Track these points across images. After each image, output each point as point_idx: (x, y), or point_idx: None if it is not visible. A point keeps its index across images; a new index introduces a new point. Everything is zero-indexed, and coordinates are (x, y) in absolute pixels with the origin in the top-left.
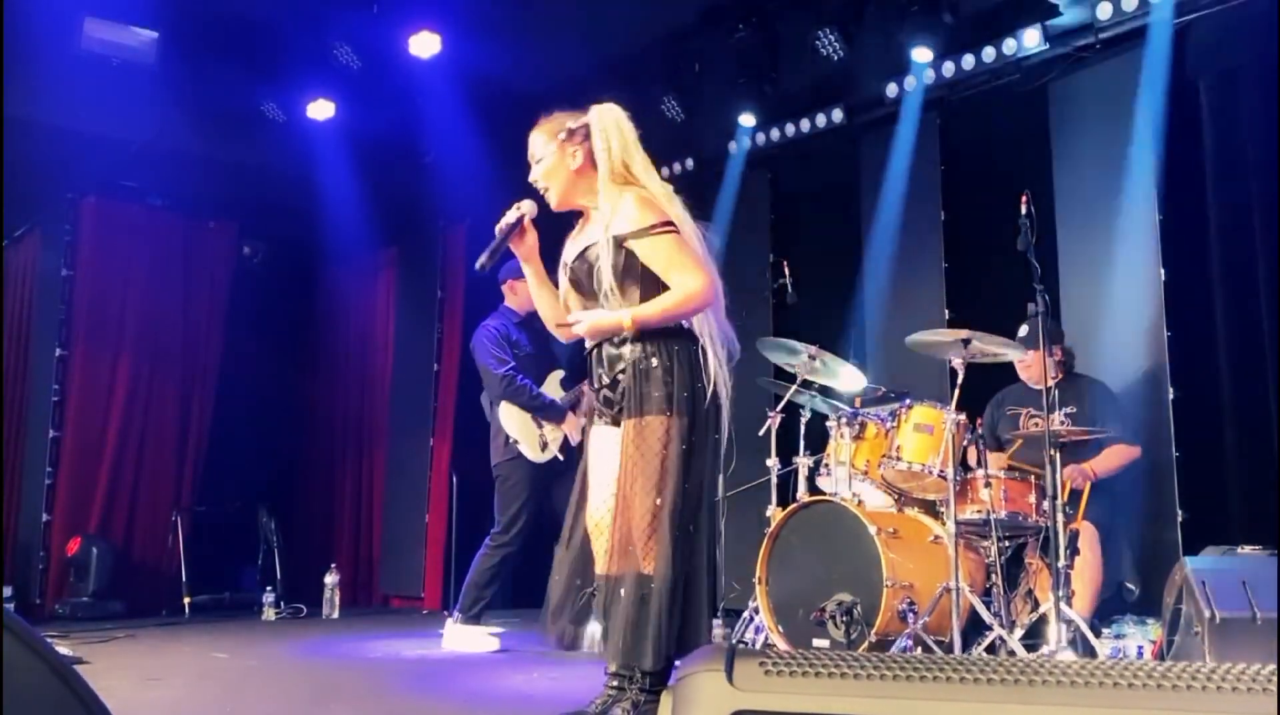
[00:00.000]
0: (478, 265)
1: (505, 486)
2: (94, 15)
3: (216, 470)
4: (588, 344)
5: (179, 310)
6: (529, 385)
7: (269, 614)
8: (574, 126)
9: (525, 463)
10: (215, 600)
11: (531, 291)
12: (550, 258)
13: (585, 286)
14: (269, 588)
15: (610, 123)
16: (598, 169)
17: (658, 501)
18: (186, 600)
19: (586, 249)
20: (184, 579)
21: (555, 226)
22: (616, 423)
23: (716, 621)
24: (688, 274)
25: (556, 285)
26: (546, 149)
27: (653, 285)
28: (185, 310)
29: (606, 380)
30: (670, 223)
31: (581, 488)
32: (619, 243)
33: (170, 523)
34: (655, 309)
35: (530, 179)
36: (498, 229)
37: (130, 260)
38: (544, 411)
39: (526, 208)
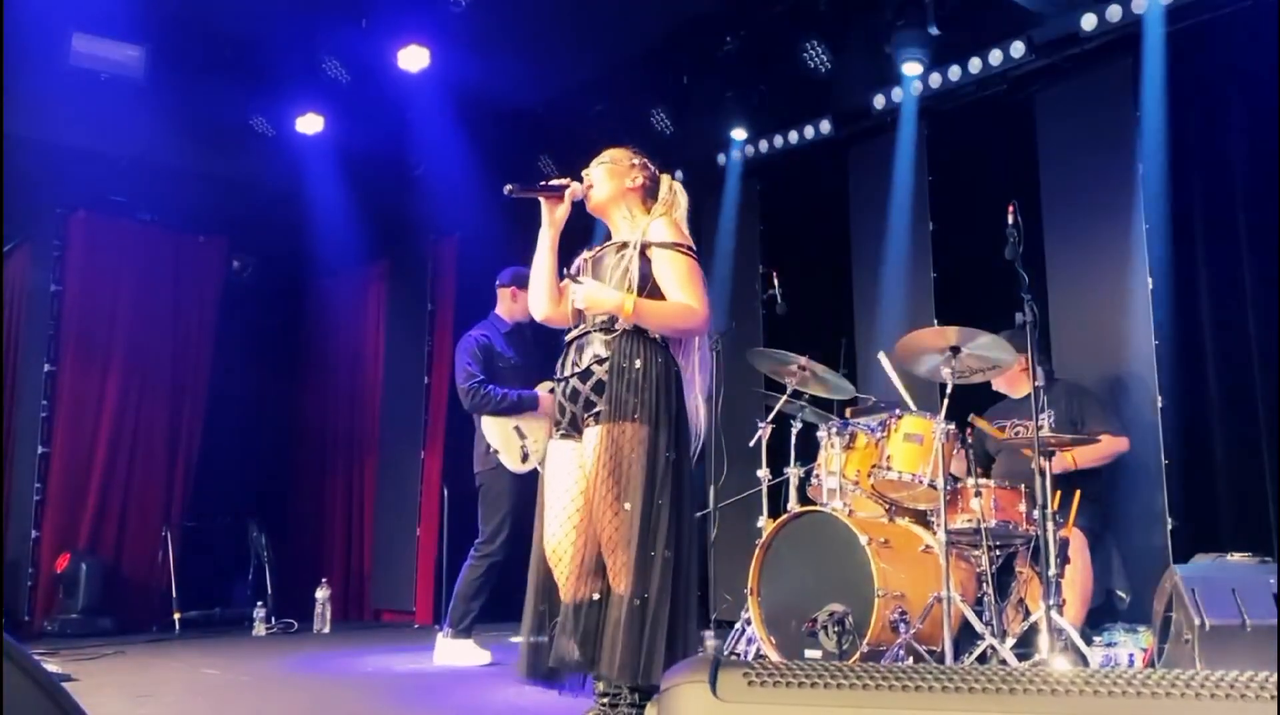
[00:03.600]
0: (506, 189)
1: (488, 496)
2: (82, 30)
3: (206, 485)
4: (571, 333)
5: (168, 325)
6: (493, 391)
7: (260, 629)
8: (650, 165)
9: (507, 472)
10: (206, 616)
11: (538, 256)
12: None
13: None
14: (260, 603)
15: (680, 189)
16: (646, 203)
17: (626, 507)
18: (177, 616)
19: (608, 246)
20: (174, 595)
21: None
22: (574, 430)
23: (709, 634)
24: (694, 297)
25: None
26: (618, 160)
27: (656, 298)
28: (175, 325)
29: (579, 367)
30: (693, 249)
31: (543, 508)
32: (643, 249)
33: (160, 538)
34: (655, 308)
35: (585, 170)
36: (542, 182)
37: (120, 275)
38: (517, 409)
39: (576, 185)
